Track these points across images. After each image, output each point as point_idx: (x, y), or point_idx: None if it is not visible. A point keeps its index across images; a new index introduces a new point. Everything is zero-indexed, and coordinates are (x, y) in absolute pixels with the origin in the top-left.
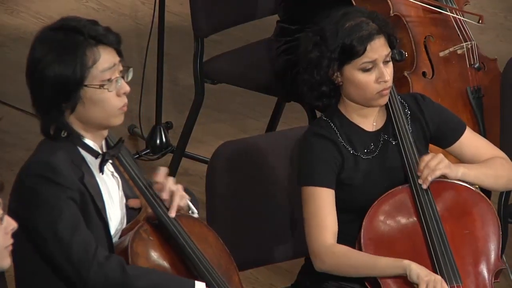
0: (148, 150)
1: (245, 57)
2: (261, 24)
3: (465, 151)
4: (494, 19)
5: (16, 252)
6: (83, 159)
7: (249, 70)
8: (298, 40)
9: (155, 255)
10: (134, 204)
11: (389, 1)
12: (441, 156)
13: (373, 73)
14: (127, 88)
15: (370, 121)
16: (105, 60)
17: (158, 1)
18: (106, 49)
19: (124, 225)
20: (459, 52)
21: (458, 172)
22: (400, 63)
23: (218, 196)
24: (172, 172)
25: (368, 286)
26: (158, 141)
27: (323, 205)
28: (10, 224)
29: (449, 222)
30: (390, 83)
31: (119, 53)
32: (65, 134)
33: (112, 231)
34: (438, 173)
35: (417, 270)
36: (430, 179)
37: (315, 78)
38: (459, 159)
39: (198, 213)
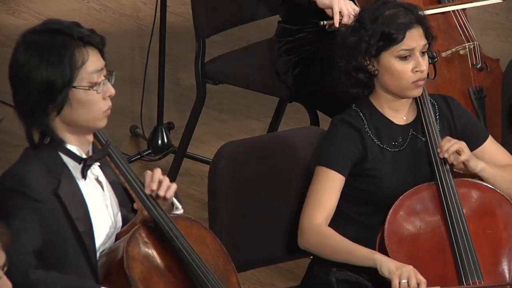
0: (150, 151)
1: (247, 58)
2: (263, 24)
3: (485, 158)
4: (495, 19)
5: None
6: (64, 166)
7: (250, 71)
8: (299, 40)
9: (150, 258)
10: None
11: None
12: (465, 144)
13: (410, 62)
14: (112, 91)
15: (401, 115)
16: (93, 62)
17: (159, 2)
18: (93, 51)
19: (117, 228)
20: (461, 52)
21: (478, 164)
22: None
23: (219, 197)
24: (173, 173)
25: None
26: (159, 142)
27: (327, 186)
28: (5, 284)
29: (472, 221)
30: (425, 74)
31: (103, 56)
32: (48, 140)
33: (102, 237)
34: (458, 148)
35: (388, 264)
36: (452, 150)
37: (352, 64)
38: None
39: (182, 208)
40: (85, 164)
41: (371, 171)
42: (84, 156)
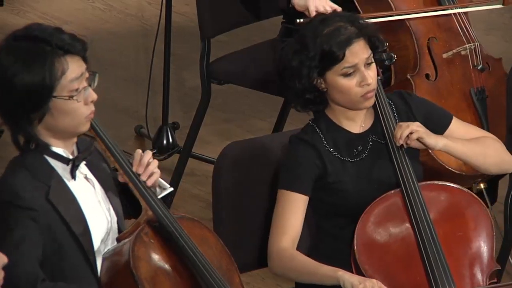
0: (155, 151)
1: (251, 58)
2: (267, 24)
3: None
4: (500, 19)
5: None
6: (52, 169)
7: (255, 71)
8: None
9: (156, 258)
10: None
11: (391, 3)
12: (418, 123)
13: (355, 77)
14: (94, 96)
15: (358, 123)
16: (73, 70)
17: (164, 2)
18: (74, 58)
19: (113, 223)
20: (462, 53)
21: (438, 142)
22: (403, 65)
23: (224, 197)
24: (178, 173)
25: None
26: (164, 142)
27: (289, 209)
28: (2, 258)
29: (442, 224)
30: (373, 85)
31: (85, 60)
32: (33, 145)
33: (100, 236)
34: (414, 133)
35: (350, 280)
36: (404, 135)
37: (297, 86)
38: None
39: (170, 187)
40: (74, 165)
41: (335, 185)
42: (70, 156)
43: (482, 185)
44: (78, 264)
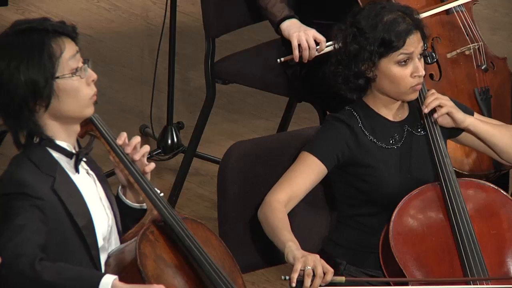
0: (160, 150)
1: (256, 58)
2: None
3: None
4: (505, 19)
5: None
6: (56, 162)
7: (259, 70)
8: None
9: (162, 256)
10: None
11: (394, 2)
12: (447, 97)
13: (408, 67)
14: (95, 76)
15: (395, 113)
16: (69, 49)
17: (169, 1)
18: (67, 39)
19: (113, 224)
20: (466, 53)
21: (466, 118)
22: None
23: (229, 196)
24: (183, 172)
25: (385, 271)
26: (169, 141)
27: (303, 169)
28: None
29: (476, 221)
30: (422, 78)
31: (77, 44)
32: (37, 140)
33: (102, 230)
34: (443, 107)
35: (294, 252)
36: (433, 105)
37: (353, 71)
38: (474, 146)
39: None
40: (77, 158)
41: (368, 170)
42: (73, 150)
43: None
44: (80, 258)
